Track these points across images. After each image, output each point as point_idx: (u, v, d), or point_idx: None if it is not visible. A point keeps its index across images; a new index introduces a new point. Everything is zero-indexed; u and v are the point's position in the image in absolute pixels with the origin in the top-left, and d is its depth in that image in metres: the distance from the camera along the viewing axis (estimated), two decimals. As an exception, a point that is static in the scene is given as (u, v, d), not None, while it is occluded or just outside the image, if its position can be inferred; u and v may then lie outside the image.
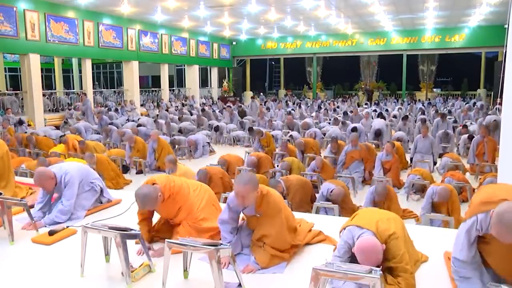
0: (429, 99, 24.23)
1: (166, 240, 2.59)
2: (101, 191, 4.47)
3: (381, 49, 25.40)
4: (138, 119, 14.44)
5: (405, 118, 12.38)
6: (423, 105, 19.21)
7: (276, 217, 3.16)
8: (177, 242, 2.54)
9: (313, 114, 16.37)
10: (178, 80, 29.33)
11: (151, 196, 3.19)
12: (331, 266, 2.19)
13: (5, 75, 22.33)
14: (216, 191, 4.68)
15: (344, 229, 2.88)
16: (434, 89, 28.07)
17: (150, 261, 2.95)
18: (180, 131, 12.77)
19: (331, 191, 5.53)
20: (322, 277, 2.18)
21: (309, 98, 26.29)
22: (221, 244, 2.52)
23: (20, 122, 12.51)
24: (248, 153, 9.14)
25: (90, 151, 8.43)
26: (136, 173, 8.89)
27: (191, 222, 3.39)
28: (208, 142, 11.08)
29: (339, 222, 3.65)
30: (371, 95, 26.15)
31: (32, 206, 4.10)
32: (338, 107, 19.79)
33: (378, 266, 2.64)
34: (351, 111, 15.82)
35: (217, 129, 12.83)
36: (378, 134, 10.87)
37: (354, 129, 10.69)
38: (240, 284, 2.67)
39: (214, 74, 27.64)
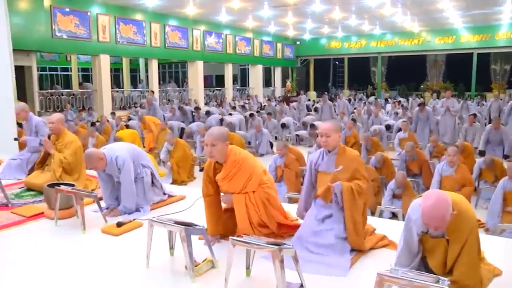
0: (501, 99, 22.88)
1: (230, 237, 2.62)
2: (152, 174, 4.40)
3: (449, 47, 24.27)
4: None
5: (474, 116, 11.82)
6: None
7: (356, 171, 3.16)
8: (241, 240, 2.56)
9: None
10: (241, 79, 29.68)
11: (224, 133, 3.30)
12: (396, 273, 2.12)
13: (78, 74, 23.61)
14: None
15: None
16: (507, 90, 26.49)
17: (213, 257, 2.99)
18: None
19: (397, 176, 5.66)
20: (386, 283, 2.12)
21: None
22: (285, 244, 2.51)
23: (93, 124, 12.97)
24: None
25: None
26: (200, 171, 9.05)
27: (263, 192, 3.36)
28: (271, 142, 11.05)
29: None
30: (438, 96, 25.14)
31: (101, 198, 4.30)
32: (403, 105, 19.26)
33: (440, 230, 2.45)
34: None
35: (283, 125, 12.87)
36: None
37: None
38: (302, 285, 2.64)
39: (277, 73, 27.72)
